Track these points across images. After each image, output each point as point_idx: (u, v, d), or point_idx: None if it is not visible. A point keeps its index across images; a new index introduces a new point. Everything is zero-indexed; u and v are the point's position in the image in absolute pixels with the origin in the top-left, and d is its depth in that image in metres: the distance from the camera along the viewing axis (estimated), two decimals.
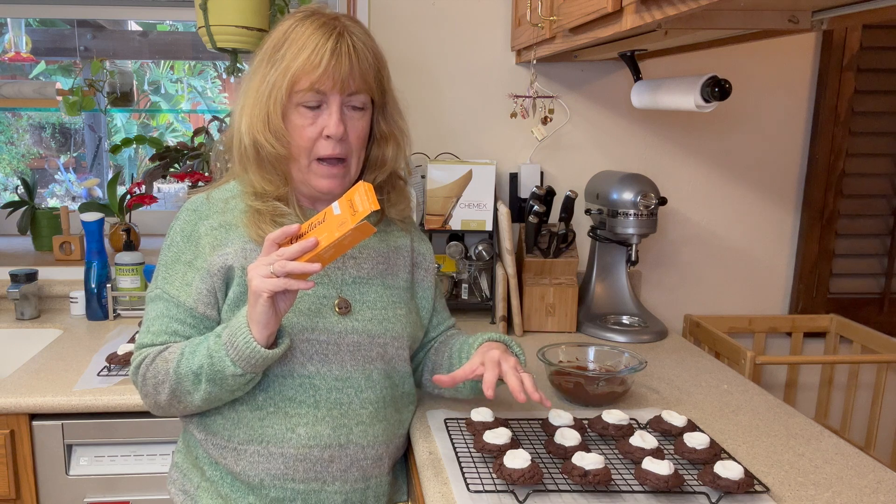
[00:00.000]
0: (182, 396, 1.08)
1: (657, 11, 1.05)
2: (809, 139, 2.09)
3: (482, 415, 1.21)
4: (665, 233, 2.10)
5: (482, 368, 1.10)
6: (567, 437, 1.11)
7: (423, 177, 1.86)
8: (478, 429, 1.17)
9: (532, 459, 1.02)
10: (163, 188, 2.59)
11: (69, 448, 1.46)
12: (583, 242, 1.99)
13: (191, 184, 2.04)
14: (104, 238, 1.92)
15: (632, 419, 1.24)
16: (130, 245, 1.96)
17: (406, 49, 1.97)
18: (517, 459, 1.01)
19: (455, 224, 1.85)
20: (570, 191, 1.82)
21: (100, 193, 2.72)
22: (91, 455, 1.47)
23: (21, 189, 2.25)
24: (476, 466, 1.09)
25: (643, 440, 1.10)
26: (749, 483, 1.01)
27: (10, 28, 2.60)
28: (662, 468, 1.01)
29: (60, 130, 4.57)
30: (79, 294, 1.94)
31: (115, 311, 1.94)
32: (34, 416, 1.44)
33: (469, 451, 1.14)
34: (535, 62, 1.76)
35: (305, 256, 0.98)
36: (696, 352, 1.72)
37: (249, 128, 1.10)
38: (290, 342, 1.07)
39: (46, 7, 2.27)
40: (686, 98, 1.42)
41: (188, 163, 2.18)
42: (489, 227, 1.85)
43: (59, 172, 4.41)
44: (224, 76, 4.43)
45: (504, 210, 1.77)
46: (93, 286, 1.89)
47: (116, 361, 1.55)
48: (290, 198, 1.16)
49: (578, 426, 1.19)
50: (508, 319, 1.82)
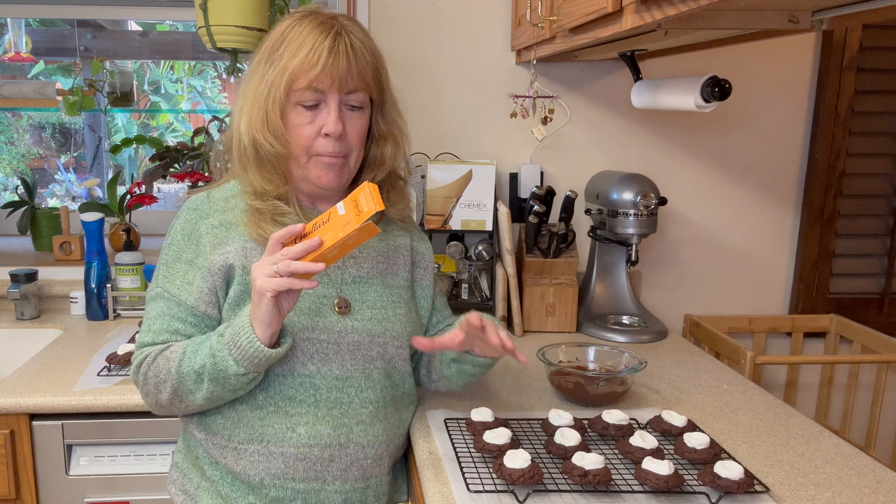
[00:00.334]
0: (184, 396, 1.08)
1: (657, 11, 1.05)
2: (809, 139, 2.09)
3: (482, 415, 1.21)
4: (665, 233, 2.10)
5: (462, 335, 1.12)
6: (567, 437, 1.11)
7: (423, 177, 1.86)
8: (478, 429, 1.17)
9: (532, 459, 1.03)
10: (163, 188, 2.59)
11: (69, 448, 1.46)
12: (583, 242, 1.99)
13: (191, 184, 2.04)
14: (104, 238, 1.92)
15: (632, 419, 1.24)
16: (130, 245, 1.96)
17: (406, 49, 1.97)
18: (517, 459, 1.01)
19: (455, 224, 1.85)
20: (570, 191, 1.82)
21: (100, 193, 2.72)
22: (91, 455, 1.47)
23: (21, 189, 2.25)
24: (476, 466, 1.09)
25: (643, 440, 1.10)
26: (749, 483, 1.01)
27: (10, 28, 2.60)
28: (662, 468, 1.01)
29: (60, 130, 4.57)
30: (79, 294, 1.94)
31: (115, 311, 1.94)
32: (34, 416, 1.44)
33: (469, 451, 1.14)
34: (535, 62, 1.76)
35: (310, 256, 0.98)
36: (696, 352, 1.72)
37: (248, 127, 1.10)
38: (292, 340, 1.07)
39: (46, 7, 2.27)
40: (686, 98, 1.42)
41: (188, 163, 2.18)
42: (489, 227, 1.85)
43: (59, 172, 4.41)
44: (224, 76, 4.43)
45: (504, 210, 1.77)
46: (93, 286, 1.90)
47: (116, 361, 1.55)
48: (291, 197, 1.16)
49: (578, 426, 1.19)
50: (508, 319, 1.82)
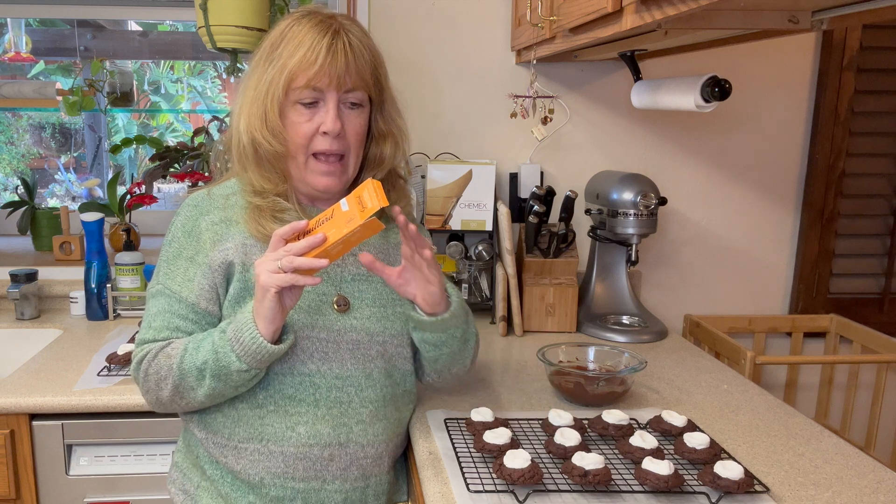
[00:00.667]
0: (185, 392, 1.07)
1: (657, 11, 1.05)
2: (809, 139, 2.09)
3: (482, 415, 1.21)
4: (665, 233, 2.10)
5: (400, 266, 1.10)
6: (567, 437, 1.11)
7: (423, 177, 1.86)
8: (478, 429, 1.17)
9: (532, 459, 1.02)
10: (163, 188, 2.59)
11: (69, 448, 1.46)
12: (583, 242, 1.99)
13: (191, 184, 2.04)
14: (104, 238, 1.92)
15: (632, 419, 1.24)
16: (130, 245, 1.96)
17: (406, 49, 1.97)
18: (517, 459, 1.01)
19: (455, 224, 1.85)
20: (570, 191, 1.82)
21: (100, 193, 2.72)
22: (91, 455, 1.47)
23: (21, 189, 2.25)
24: (476, 466, 1.09)
25: (643, 440, 1.10)
26: (749, 483, 1.01)
27: (10, 28, 2.60)
28: (662, 468, 1.01)
29: (60, 130, 4.57)
30: (79, 294, 1.94)
31: (115, 311, 1.93)
32: (34, 416, 1.44)
33: (469, 451, 1.14)
34: (535, 62, 1.76)
35: (313, 252, 0.98)
36: (696, 352, 1.72)
37: (247, 126, 1.10)
38: (294, 337, 1.07)
39: (46, 7, 2.27)
40: (686, 98, 1.42)
41: (188, 163, 2.18)
42: (489, 227, 1.85)
43: (59, 172, 4.41)
44: (224, 76, 4.43)
45: (504, 210, 1.77)
46: (93, 286, 1.89)
47: (116, 361, 1.55)
48: (290, 195, 1.16)
49: (578, 426, 1.19)
50: (508, 319, 1.82)
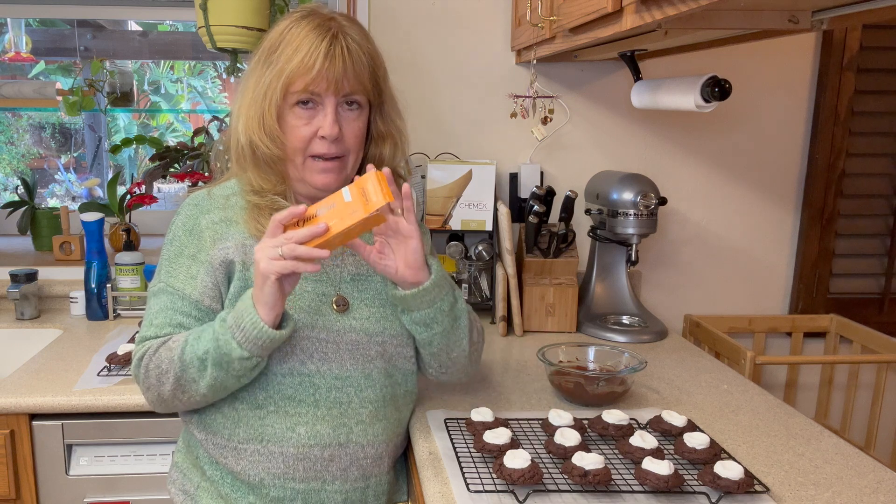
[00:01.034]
0: (187, 385, 1.06)
1: (657, 11, 1.05)
2: (809, 139, 2.09)
3: (482, 415, 1.21)
4: (665, 233, 2.10)
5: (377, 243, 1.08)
6: (567, 437, 1.11)
7: (423, 177, 1.86)
8: (478, 429, 1.17)
9: (532, 459, 1.03)
10: (163, 188, 2.59)
11: (69, 448, 1.46)
12: (583, 242, 1.99)
13: (191, 184, 2.04)
14: (104, 238, 1.92)
15: (632, 419, 1.24)
16: (130, 245, 1.96)
17: (406, 49, 1.97)
18: (517, 459, 1.01)
19: (455, 224, 1.85)
20: (570, 191, 1.82)
21: (100, 193, 2.73)
22: (91, 455, 1.47)
23: (21, 189, 2.25)
24: (476, 466, 1.09)
25: (643, 440, 1.10)
26: (749, 483, 1.01)
27: (10, 28, 2.60)
28: (662, 468, 1.01)
29: (60, 130, 4.56)
30: (79, 294, 1.94)
31: (115, 311, 1.93)
32: (34, 416, 1.44)
33: (469, 451, 1.14)
34: (535, 62, 1.76)
35: (314, 241, 0.98)
36: (696, 352, 1.72)
37: (245, 128, 1.10)
38: (294, 324, 1.07)
39: (46, 7, 2.27)
40: (686, 98, 1.42)
41: (188, 163, 2.18)
42: (489, 227, 1.85)
43: (59, 172, 4.41)
44: (224, 76, 4.43)
45: (504, 210, 1.77)
46: (93, 286, 1.89)
47: (116, 361, 1.55)
48: (289, 194, 1.16)
49: (578, 426, 1.19)
50: (508, 319, 1.82)
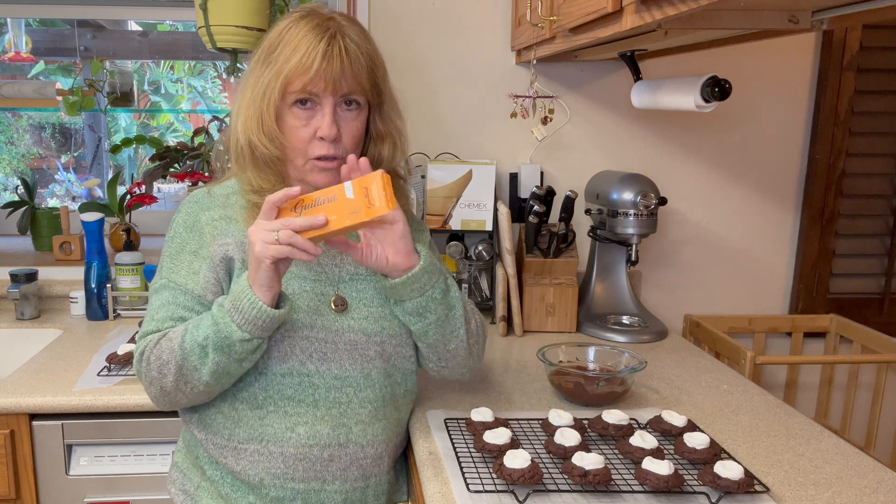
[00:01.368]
0: (189, 374, 1.05)
1: (657, 11, 1.05)
2: (809, 139, 2.09)
3: (482, 415, 1.21)
4: (665, 233, 2.10)
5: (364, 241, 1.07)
6: (567, 437, 1.11)
7: (423, 177, 1.86)
8: (478, 429, 1.17)
9: (532, 459, 1.03)
10: (163, 188, 2.59)
11: (69, 448, 1.46)
12: (583, 242, 1.99)
13: (191, 184, 2.04)
14: (104, 238, 1.92)
15: (632, 419, 1.24)
16: (130, 245, 1.96)
17: (406, 49, 1.97)
18: (517, 459, 1.01)
19: (455, 224, 1.85)
20: (570, 191, 1.82)
21: (100, 193, 2.72)
22: (91, 455, 1.47)
23: (21, 189, 2.25)
24: (476, 466, 1.09)
25: (643, 440, 1.10)
26: (749, 483, 1.01)
27: (10, 28, 2.60)
28: (662, 468, 1.01)
29: (60, 130, 4.56)
30: (79, 294, 1.94)
31: (115, 311, 1.94)
32: (34, 416, 1.44)
33: (469, 451, 1.14)
34: (535, 62, 1.76)
35: (311, 233, 0.98)
36: (696, 352, 1.72)
37: (244, 128, 1.10)
38: (292, 304, 1.07)
39: (46, 7, 2.27)
40: (686, 98, 1.42)
41: (188, 163, 2.18)
42: (489, 227, 1.85)
43: (59, 172, 4.41)
44: (224, 76, 4.43)
45: (504, 210, 1.77)
46: (93, 286, 1.90)
47: (116, 361, 1.55)
48: None
49: (578, 426, 1.19)
50: (508, 319, 1.82)
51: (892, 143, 2.09)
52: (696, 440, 1.11)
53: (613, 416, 1.20)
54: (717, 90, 1.36)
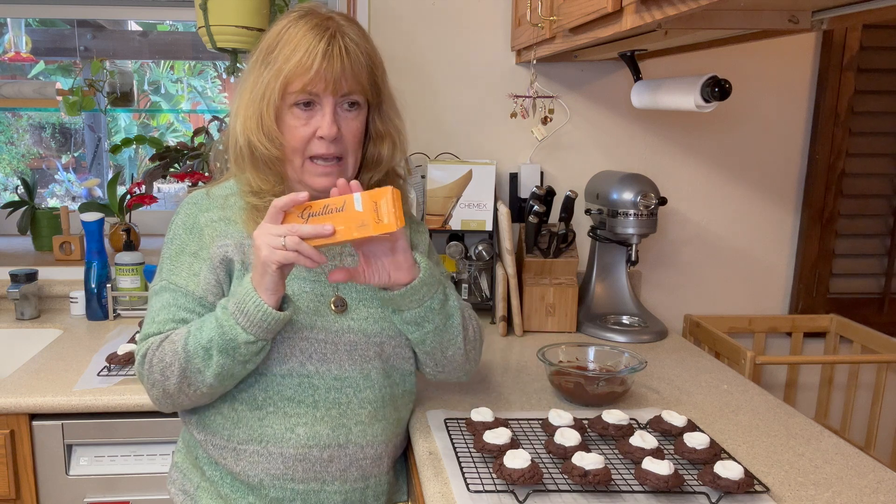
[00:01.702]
0: (192, 376, 1.05)
1: (657, 11, 1.05)
2: (809, 139, 2.09)
3: (482, 415, 1.21)
4: (665, 233, 2.10)
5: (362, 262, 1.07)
6: (567, 437, 1.11)
7: (423, 177, 1.86)
8: (478, 429, 1.17)
9: (532, 459, 1.03)
10: (163, 188, 2.59)
11: (69, 448, 1.46)
12: (583, 242, 1.99)
13: (191, 184, 2.04)
14: (104, 238, 1.92)
15: (632, 419, 1.24)
16: (130, 245, 1.96)
17: (406, 49, 1.97)
18: (517, 459, 1.01)
19: (455, 224, 1.85)
20: (570, 191, 1.82)
21: (100, 193, 2.72)
22: (91, 455, 1.47)
23: (21, 189, 2.25)
24: (476, 466, 1.09)
25: (643, 440, 1.10)
26: (749, 483, 1.01)
27: (10, 28, 2.59)
28: (662, 468, 1.01)
29: (60, 130, 4.56)
30: (79, 294, 1.94)
31: (115, 311, 1.93)
32: (34, 416, 1.44)
33: (469, 451, 1.14)
34: (535, 62, 1.76)
35: (317, 241, 0.98)
36: (696, 352, 1.72)
37: (243, 129, 1.10)
38: (295, 306, 1.07)
39: (46, 7, 2.27)
40: (686, 98, 1.42)
41: (188, 163, 2.18)
42: (489, 227, 1.85)
43: (59, 172, 4.41)
44: (224, 76, 4.43)
45: (504, 210, 1.77)
46: (93, 286, 1.89)
47: (116, 361, 1.55)
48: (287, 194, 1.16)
49: (578, 426, 1.19)
50: (508, 319, 1.82)
51: (892, 143, 2.09)
52: (696, 440, 1.11)
53: (613, 416, 1.20)
54: (717, 90, 1.36)
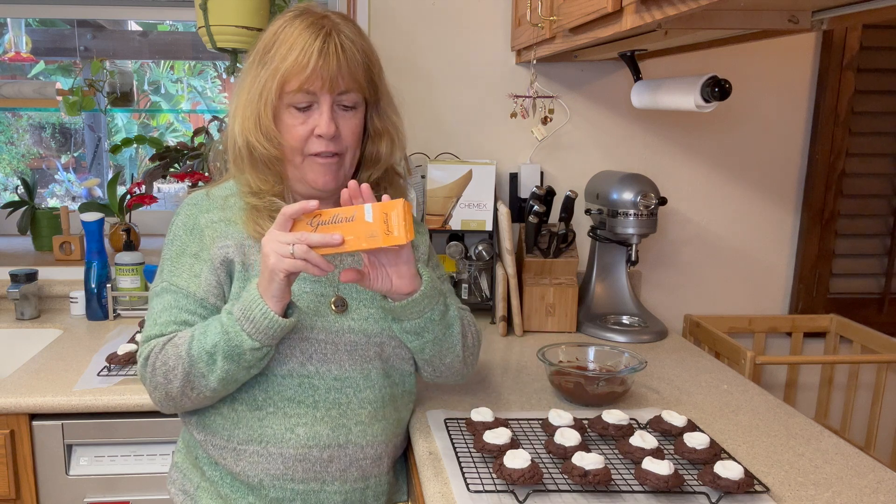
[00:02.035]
0: (196, 381, 1.05)
1: (657, 11, 1.05)
2: (809, 139, 2.09)
3: (482, 415, 1.21)
4: (665, 233, 2.10)
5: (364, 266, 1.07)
6: (567, 437, 1.11)
7: (424, 177, 1.86)
8: (478, 429, 1.17)
9: (532, 459, 1.03)
10: (163, 188, 2.59)
11: (69, 448, 1.46)
12: (583, 242, 1.99)
13: (191, 184, 2.04)
14: (104, 238, 1.92)
15: (632, 419, 1.24)
16: (130, 245, 1.96)
17: (406, 49, 1.97)
18: (517, 459, 1.01)
19: (455, 224, 1.85)
20: (570, 191, 1.82)
21: (100, 193, 2.72)
22: (91, 455, 1.47)
23: (21, 189, 2.25)
24: (476, 466, 1.09)
25: (643, 440, 1.10)
26: (749, 483, 1.01)
27: (10, 28, 2.59)
28: (662, 468, 1.01)
29: (60, 130, 4.56)
30: (79, 294, 1.94)
31: (115, 311, 1.93)
32: (34, 416, 1.44)
33: (469, 451, 1.14)
34: (535, 62, 1.76)
35: (326, 250, 0.98)
36: (696, 352, 1.72)
37: (242, 129, 1.10)
38: (300, 312, 1.07)
39: (46, 7, 2.27)
40: (686, 98, 1.42)
41: (188, 163, 2.18)
42: (489, 227, 1.85)
43: (59, 172, 4.41)
44: (224, 76, 4.43)
45: (504, 210, 1.77)
46: (93, 286, 1.89)
47: (116, 361, 1.55)
48: (287, 194, 1.16)
49: (578, 426, 1.19)
50: (508, 319, 1.82)
51: (892, 143, 2.09)
52: (696, 440, 1.11)
53: (613, 416, 1.20)
54: (717, 90, 1.36)
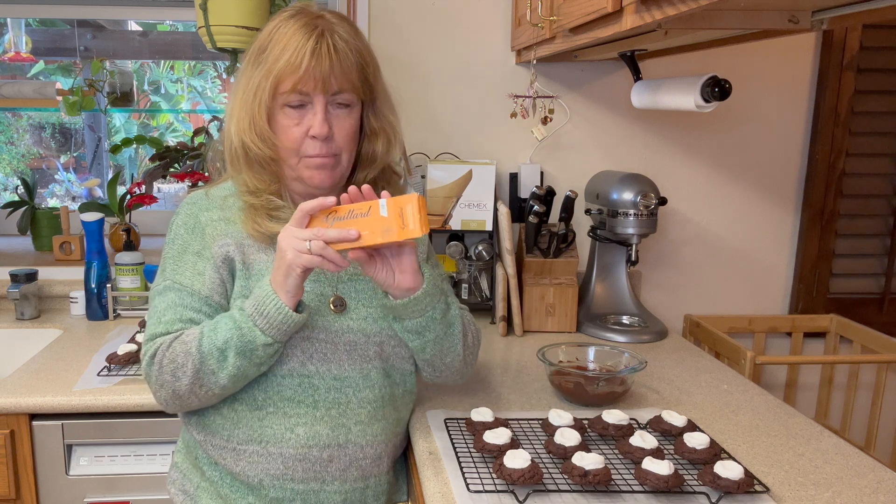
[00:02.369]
0: (205, 378, 1.05)
1: (657, 11, 1.05)
2: (809, 139, 2.09)
3: (482, 415, 1.21)
4: (665, 233, 2.10)
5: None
6: (567, 437, 1.11)
7: (423, 177, 1.86)
8: (478, 429, 1.17)
9: (532, 459, 1.03)
10: (163, 188, 2.59)
11: (69, 448, 1.46)
12: (583, 242, 1.99)
13: (191, 184, 2.04)
14: (104, 238, 1.92)
15: (632, 419, 1.24)
16: (130, 245, 1.96)
17: (406, 49, 1.97)
18: (517, 459, 1.01)
19: (455, 224, 1.85)
20: (570, 191, 1.82)
21: (100, 193, 2.72)
22: (91, 455, 1.47)
23: (21, 189, 2.25)
24: (476, 466, 1.09)
25: (643, 440, 1.10)
26: (749, 483, 1.01)
27: (10, 28, 2.60)
28: (662, 468, 1.01)
29: (60, 130, 4.56)
30: (79, 294, 1.94)
31: (115, 311, 1.93)
32: (34, 416, 1.44)
33: (469, 451, 1.14)
34: (535, 62, 1.76)
35: (341, 245, 0.99)
36: (696, 352, 1.72)
37: (237, 129, 1.10)
38: (309, 308, 1.08)
39: (46, 7, 2.27)
40: (686, 98, 1.42)
41: (188, 163, 2.18)
42: (489, 227, 1.85)
43: (59, 172, 4.41)
44: (224, 76, 4.43)
45: (504, 210, 1.77)
46: (93, 286, 1.89)
47: (116, 361, 1.55)
48: (284, 193, 1.16)
49: (578, 426, 1.19)
50: (508, 319, 1.82)
51: (892, 143, 2.09)
52: (696, 440, 1.11)
53: (613, 416, 1.20)
54: (717, 90, 1.36)
